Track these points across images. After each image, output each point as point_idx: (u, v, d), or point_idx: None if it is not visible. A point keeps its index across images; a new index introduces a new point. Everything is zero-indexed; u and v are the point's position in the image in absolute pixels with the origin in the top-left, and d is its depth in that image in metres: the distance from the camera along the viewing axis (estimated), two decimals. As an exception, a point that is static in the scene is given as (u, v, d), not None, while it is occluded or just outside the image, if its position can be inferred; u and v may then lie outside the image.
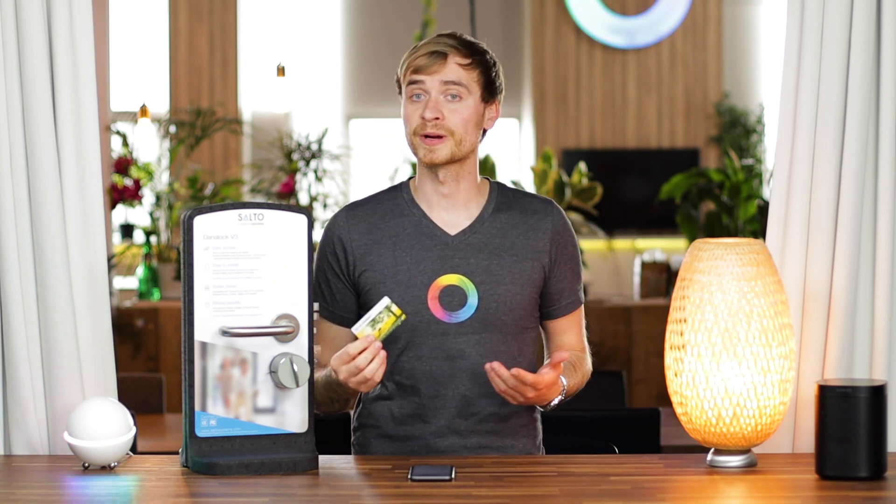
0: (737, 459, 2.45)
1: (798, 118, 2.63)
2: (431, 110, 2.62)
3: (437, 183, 2.68)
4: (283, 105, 6.58)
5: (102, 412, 2.47)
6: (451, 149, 2.63)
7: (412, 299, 2.64)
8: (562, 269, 2.73)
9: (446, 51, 2.63)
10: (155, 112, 6.97)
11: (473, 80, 2.65)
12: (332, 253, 2.71)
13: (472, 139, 2.66)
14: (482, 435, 2.67)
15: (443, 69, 2.63)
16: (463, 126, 2.64)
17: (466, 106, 2.64)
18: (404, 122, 2.67)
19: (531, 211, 2.72)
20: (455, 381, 2.65)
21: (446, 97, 2.63)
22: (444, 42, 2.65)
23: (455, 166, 2.67)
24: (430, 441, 2.66)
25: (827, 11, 2.60)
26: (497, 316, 2.65)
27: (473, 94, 2.65)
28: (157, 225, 6.40)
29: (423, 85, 2.63)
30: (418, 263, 2.66)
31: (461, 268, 2.66)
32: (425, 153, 2.64)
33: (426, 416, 2.66)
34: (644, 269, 6.49)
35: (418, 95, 2.64)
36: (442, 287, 2.65)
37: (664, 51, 9.47)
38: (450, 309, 2.65)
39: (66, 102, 2.62)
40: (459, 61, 2.64)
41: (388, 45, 9.44)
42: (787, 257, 2.63)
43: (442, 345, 2.64)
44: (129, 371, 5.64)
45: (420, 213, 2.70)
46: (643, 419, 3.69)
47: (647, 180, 9.32)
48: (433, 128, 2.62)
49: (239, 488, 2.32)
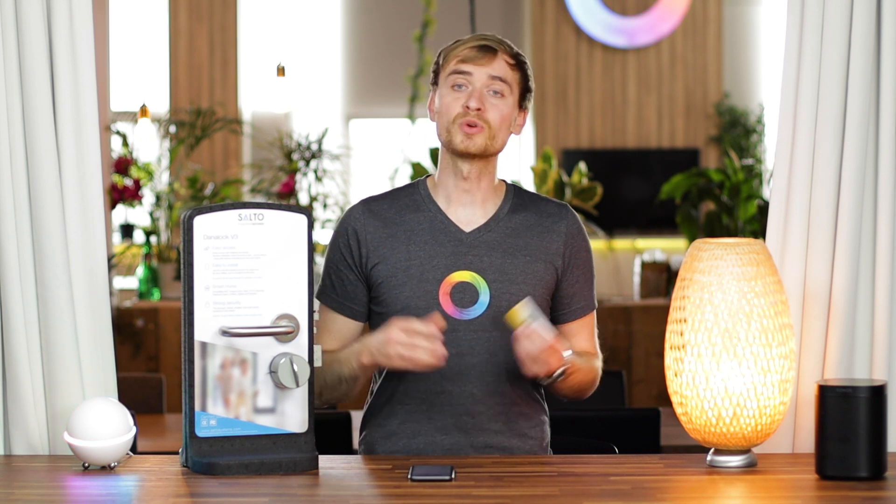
0: (737, 459, 2.45)
1: (798, 118, 2.63)
2: (476, 100, 2.64)
3: (460, 178, 2.69)
4: (283, 105, 6.58)
5: (102, 412, 2.47)
6: (486, 141, 2.65)
7: (424, 294, 2.64)
8: (574, 274, 2.73)
9: (496, 47, 2.67)
10: (155, 112, 6.97)
11: (515, 82, 2.68)
12: (346, 244, 2.71)
13: (504, 138, 2.69)
14: (489, 434, 2.67)
15: (491, 63, 2.65)
16: (500, 122, 2.66)
17: (507, 104, 2.67)
18: (440, 110, 2.68)
19: (546, 214, 2.73)
20: (463, 378, 2.65)
21: (489, 92, 2.65)
22: (493, 39, 2.68)
23: (481, 163, 2.69)
24: (436, 438, 2.66)
25: (827, 11, 2.60)
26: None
27: (513, 94, 2.68)
28: (157, 225, 6.40)
29: (470, 77, 2.65)
30: (431, 259, 2.66)
31: (474, 265, 2.67)
32: (462, 139, 2.65)
33: (432, 413, 2.66)
34: (644, 269, 6.48)
35: (461, 86, 2.66)
36: (454, 283, 2.66)
37: (664, 51, 9.46)
38: (461, 306, 2.66)
39: (66, 102, 2.62)
40: (507, 60, 2.67)
41: (388, 45, 9.45)
42: (787, 257, 2.63)
43: (452, 341, 2.63)
44: (129, 371, 5.64)
45: (436, 208, 2.71)
46: (643, 419, 3.69)
47: (647, 180, 9.32)
48: (475, 116, 2.64)
49: (239, 488, 2.32)
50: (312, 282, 2.49)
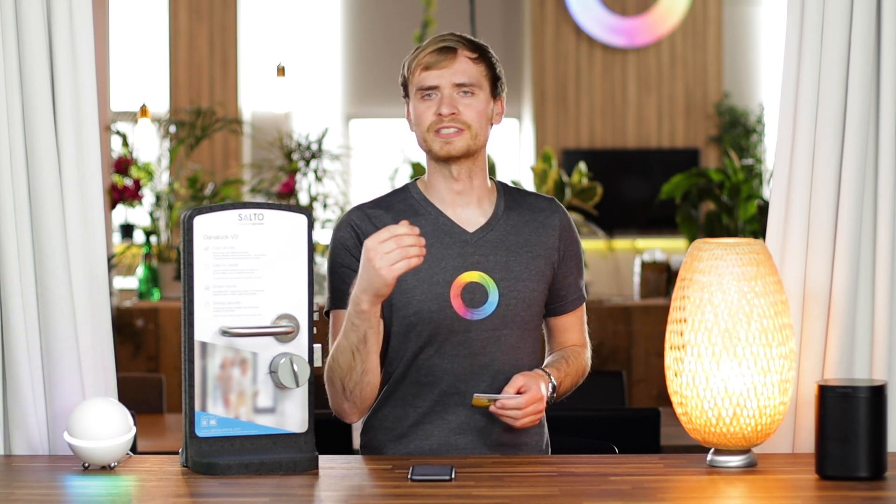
0: (737, 459, 2.45)
1: (798, 118, 2.63)
2: (447, 106, 2.63)
3: (451, 180, 2.69)
4: (283, 105, 6.58)
5: (102, 412, 2.47)
6: (467, 141, 2.64)
7: (435, 297, 2.64)
8: (568, 266, 2.75)
9: (455, 45, 2.65)
10: (155, 112, 6.97)
11: (482, 75, 2.67)
12: (354, 245, 2.65)
13: (486, 133, 2.68)
14: (500, 432, 2.67)
15: (453, 64, 2.64)
16: (478, 119, 2.65)
17: (479, 100, 2.66)
18: (415, 121, 2.67)
19: (538, 209, 2.74)
20: (476, 379, 2.65)
21: (459, 93, 2.64)
22: (450, 38, 2.67)
23: (468, 162, 2.68)
24: (450, 439, 2.65)
25: (827, 11, 2.60)
26: (517, 312, 2.66)
27: (483, 88, 2.67)
28: (157, 225, 6.40)
29: (436, 83, 2.63)
30: (439, 261, 2.66)
31: (481, 265, 2.67)
32: (441, 146, 2.64)
33: (446, 415, 2.66)
34: (644, 269, 6.48)
35: (429, 94, 2.65)
36: (464, 284, 2.66)
37: (664, 51, 9.46)
38: (471, 306, 2.65)
39: (66, 102, 2.62)
40: (468, 55, 2.66)
41: (388, 45, 9.45)
42: (787, 257, 2.63)
43: (465, 342, 2.64)
44: (129, 371, 5.64)
45: (436, 211, 2.70)
46: (643, 419, 3.69)
47: (647, 180, 9.32)
48: (450, 121, 2.63)
49: (239, 488, 2.32)
50: (312, 282, 2.49)
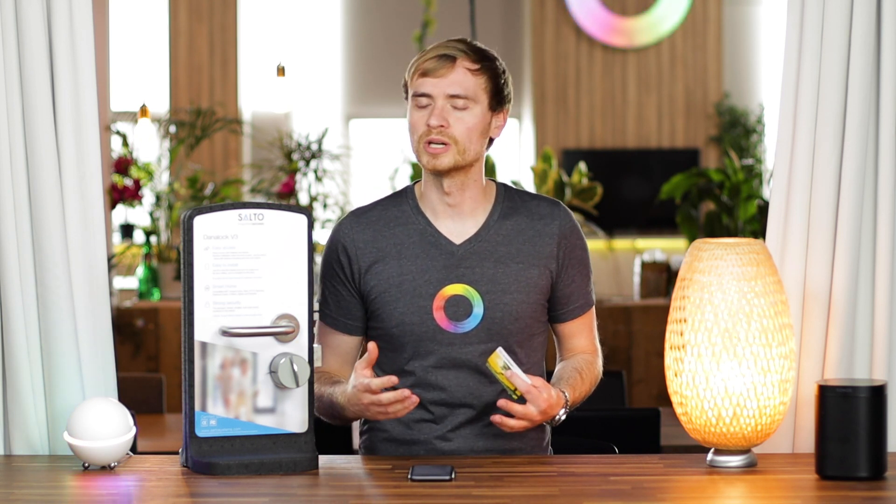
0: (737, 459, 2.45)
1: (798, 118, 2.63)
2: (437, 117, 2.60)
3: (442, 193, 2.67)
4: (283, 105, 6.58)
5: (102, 412, 2.47)
6: (454, 157, 2.61)
7: (418, 309, 2.63)
8: (570, 273, 2.72)
9: (455, 54, 2.61)
10: (155, 112, 6.97)
11: (481, 88, 2.62)
12: (337, 261, 2.69)
13: (477, 148, 2.64)
14: (488, 438, 2.66)
15: (450, 74, 2.61)
16: (467, 135, 2.61)
17: (473, 115, 2.62)
18: (410, 128, 2.66)
19: (538, 216, 2.70)
20: (461, 391, 2.65)
21: (452, 105, 2.61)
22: (454, 46, 2.63)
23: (460, 175, 2.65)
24: (438, 445, 2.66)
25: (827, 11, 2.60)
26: (503, 325, 2.64)
27: (480, 102, 2.63)
28: (157, 225, 6.40)
29: (428, 93, 2.61)
30: (423, 273, 2.64)
31: (466, 277, 2.64)
32: (428, 160, 2.62)
33: (435, 421, 2.66)
34: (644, 269, 6.48)
35: (424, 102, 2.62)
36: (447, 297, 2.64)
37: (664, 51, 9.46)
38: (455, 319, 2.64)
39: (66, 102, 2.62)
40: (468, 66, 2.62)
41: (388, 45, 9.45)
42: (787, 257, 2.63)
43: (448, 354, 2.63)
44: (129, 371, 5.64)
45: (425, 221, 2.68)
46: (643, 419, 3.69)
47: (647, 180, 9.32)
48: (437, 134, 2.60)
49: (239, 488, 2.32)
50: (312, 282, 2.49)
